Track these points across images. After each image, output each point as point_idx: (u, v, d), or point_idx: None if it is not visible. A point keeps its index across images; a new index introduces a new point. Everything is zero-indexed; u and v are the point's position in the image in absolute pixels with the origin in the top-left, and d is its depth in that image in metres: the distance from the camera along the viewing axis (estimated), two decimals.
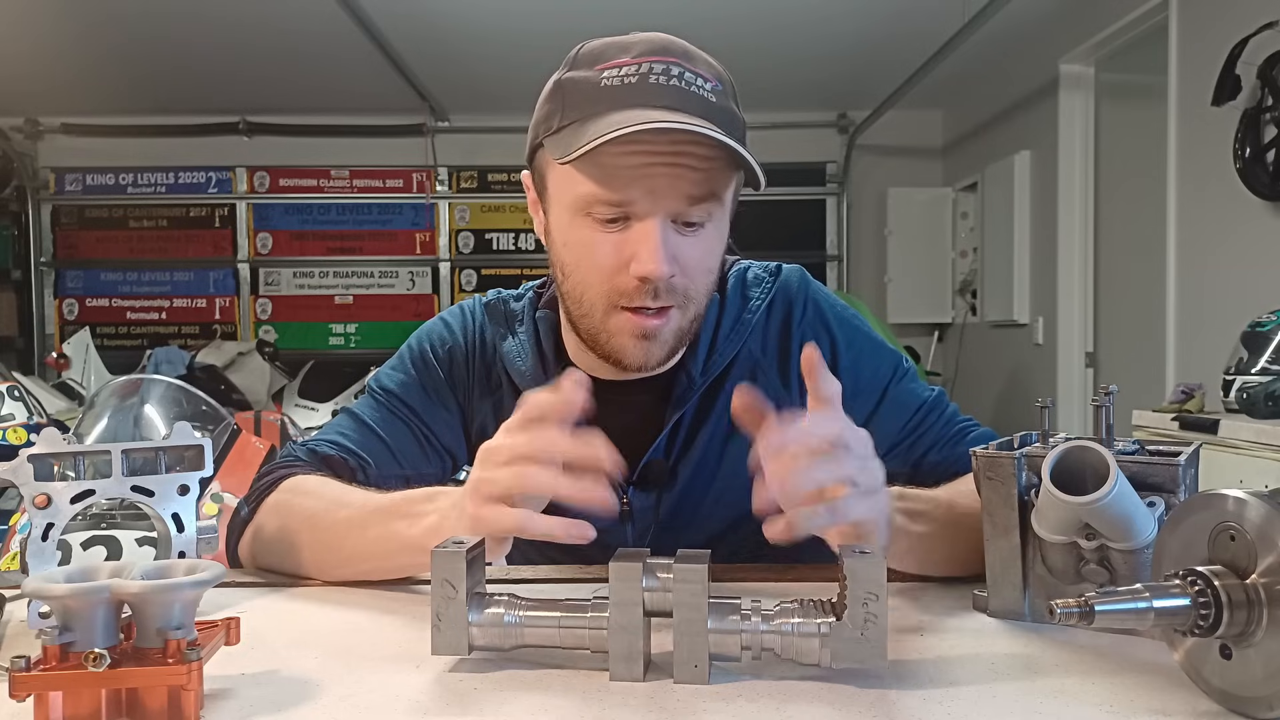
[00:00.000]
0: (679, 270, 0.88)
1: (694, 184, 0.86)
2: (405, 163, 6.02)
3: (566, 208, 0.90)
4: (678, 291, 0.90)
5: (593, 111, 0.85)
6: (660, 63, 0.87)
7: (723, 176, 0.88)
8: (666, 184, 0.85)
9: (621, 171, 0.85)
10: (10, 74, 5.07)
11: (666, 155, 0.84)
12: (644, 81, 0.85)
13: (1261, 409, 2.43)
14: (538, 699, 0.60)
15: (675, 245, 0.88)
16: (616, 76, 0.86)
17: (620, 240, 0.88)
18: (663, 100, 0.84)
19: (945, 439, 1.02)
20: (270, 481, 0.99)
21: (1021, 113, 4.88)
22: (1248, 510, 0.55)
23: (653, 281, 0.87)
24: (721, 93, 0.89)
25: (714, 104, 0.87)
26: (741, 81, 0.93)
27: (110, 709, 0.55)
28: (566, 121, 0.88)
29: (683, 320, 0.92)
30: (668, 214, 0.87)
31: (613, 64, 0.87)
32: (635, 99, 0.84)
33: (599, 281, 0.90)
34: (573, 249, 0.91)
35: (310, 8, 4.09)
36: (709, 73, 0.89)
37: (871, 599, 0.60)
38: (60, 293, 6.12)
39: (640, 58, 0.87)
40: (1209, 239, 3.35)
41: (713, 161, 0.86)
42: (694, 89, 0.86)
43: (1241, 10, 3.08)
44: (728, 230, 0.95)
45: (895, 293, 5.93)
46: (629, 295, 0.89)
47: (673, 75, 0.86)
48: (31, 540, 0.74)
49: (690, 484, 1.01)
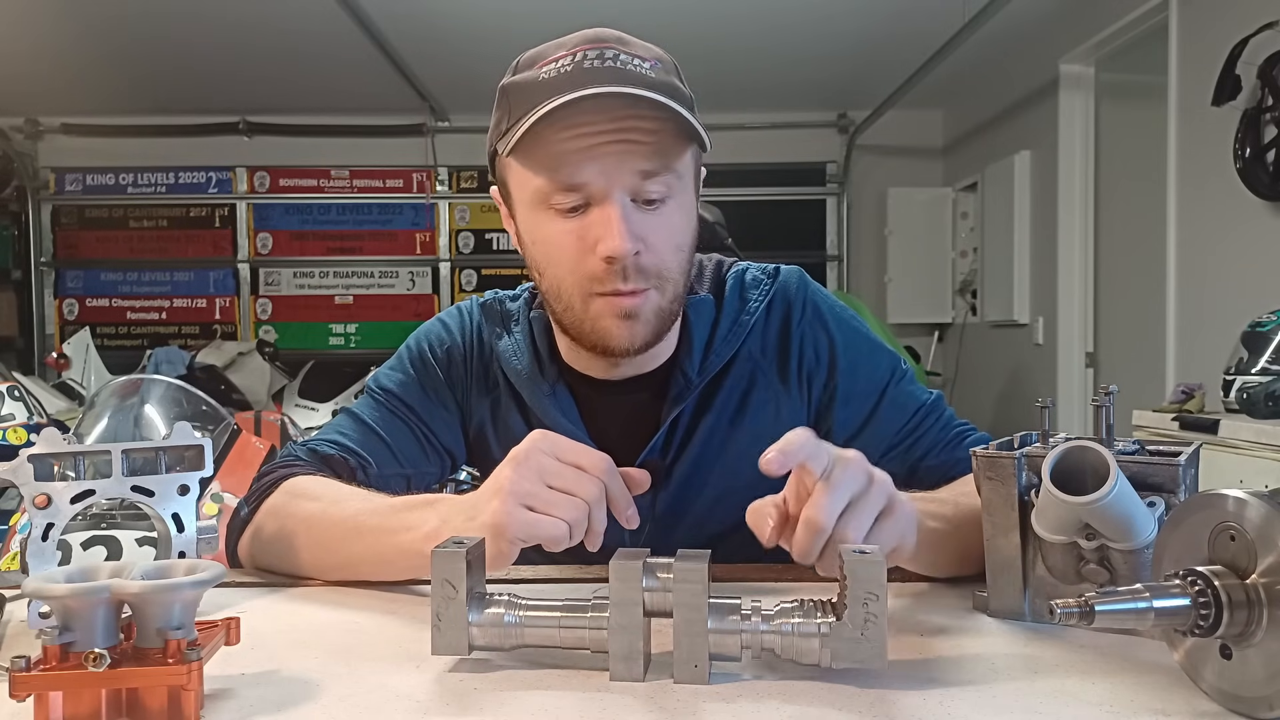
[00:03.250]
0: (644, 247, 0.89)
1: (644, 157, 0.87)
2: (405, 163, 6.02)
3: (528, 205, 0.92)
4: (649, 272, 0.90)
5: (532, 104, 0.86)
6: (594, 48, 0.88)
7: (673, 147, 0.89)
8: (615, 160, 0.86)
9: (569, 156, 0.86)
10: (10, 74, 5.07)
11: (610, 131, 0.85)
12: (579, 68, 0.87)
13: (1261, 409, 2.43)
14: (538, 699, 0.60)
15: (637, 223, 0.88)
16: (553, 69, 0.88)
17: (582, 226, 0.89)
18: (599, 80, 0.85)
19: (943, 442, 1.02)
20: (270, 482, 0.98)
21: (1021, 113, 4.88)
22: (1248, 510, 0.55)
23: (619, 260, 0.87)
24: (661, 69, 0.90)
25: (653, 79, 0.88)
26: (741, 81, 0.94)
27: (110, 709, 0.55)
28: (512, 121, 0.89)
29: (662, 300, 0.93)
30: (623, 190, 0.87)
31: (549, 60, 0.89)
32: (571, 85, 0.85)
33: (570, 271, 0.91)
34: (541, 245, 0.92)
35: (310, 8, 4.09)
36: (646, 54, 0.90)
37: (871, 599, 0.60)
38: (60, 293, 6.12)
39: (574, 49, 0.89)
40: (1209, 239, 3.35)
41: (659, 134, 0.87)
42: (630, 68, 0.87)
43: (1241, 10, 3.08)
44: (693, 207, 0.95)
45: (895, 293, 5.93)
46: (600, 280, 0.89)
47: (607, 58, 0.87)
48: (31, 540, 0.74)
49: (686, 484, 1.01)
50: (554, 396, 1.01)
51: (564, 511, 0.72)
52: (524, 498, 0.72)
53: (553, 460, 0.74)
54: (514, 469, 0.74)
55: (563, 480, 0.73)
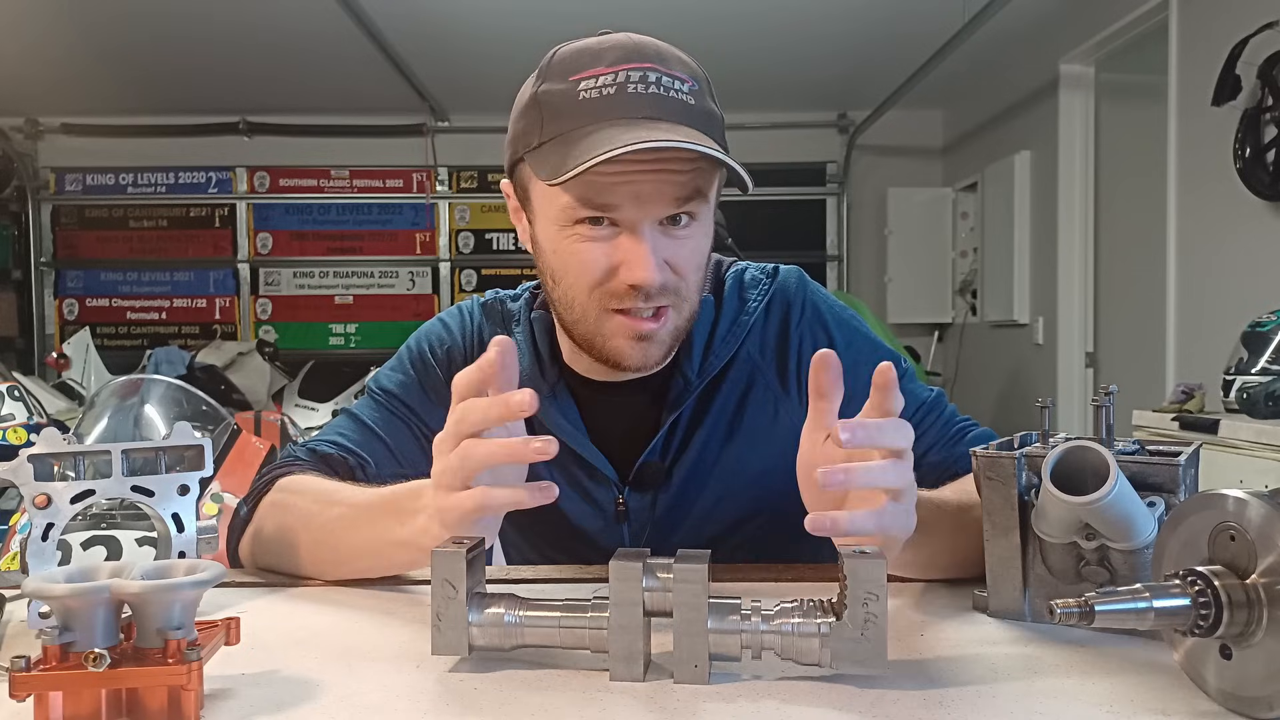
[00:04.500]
0: (669, 272, 0.89)
1: (679, 188, 0.86)
2: (405, 163, 6.02)
3: (552, 220, 0.90)
4: (669, 291, 0.90)
5: (573, 126, 0.85)
6: (636, 69, 0.86)
7: (707, 178, 0.88)
8: (652, 190, 0.85)
9: (605, 184, 0.85)
10: (10, 74, 5.07)
11: (650, 165, 0.84)
12: (622, 92, 0.85)
13: (1261, 409, 2.43)
14: (538, 699, 0.60)
15: (664, 249, 0.88)
16: (594, 88, 0.86)
17: (609, 248, 0.88)
18: (642, 110, 0.84)
19: (945, 439, 1.02)
20: (268, 480, 0.99)
21: (1021, 113, 4.88)
22: (1248, 510, 0.55)
23: (644, 288, 0.87)
24: (699, 92, 0.89)
25: (693, 107, 0.87)
26: (742, 81, 0.94)
27: (110, 709, 0.55)
28: (547, 137, 0.87)
29: (678, 319, 0.93)
30: (654, 220, 0.87)
31: (588, 74, 0.87)
32: (615, 111, 0.84)
33: (589, 288, 0.90)
34: (561, 257, 0.91)
35: (310, 8, 4.09)
36: (684, 73, 0.89)
37: (871, 599, 0.60)
38: (60, 293, 6.12)
39: (615, 66, 0.86)
40: (1209, 239, 3.35)
41: (696, 165, 0.86)
42: (672, 94, 0.86)
43: (1241, 10, 3.08)
44: (713, 224, 0.95)
45: (895, 293, 5.93)
46: (620, 298, 0.89)
47: (650, 82, 0.86)
48: (31, 540, 0.74)
49: (686, 485, 1.01)
50: (554, 398, 1.01)
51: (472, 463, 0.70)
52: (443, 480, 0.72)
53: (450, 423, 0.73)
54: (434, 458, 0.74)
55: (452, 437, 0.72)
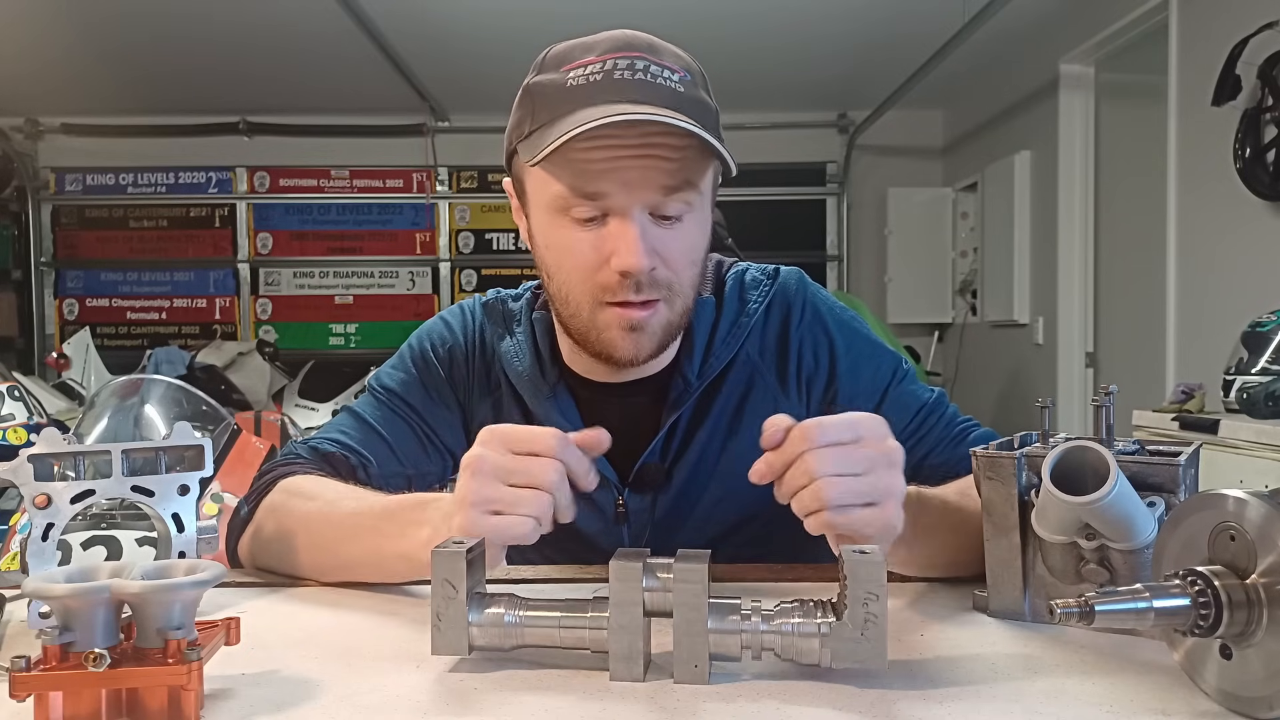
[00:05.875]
0: (660, 263, 0.89)
1: (667, 174, 0.86)
2: (405, 163, 6.02)
3: (544, 209, 0.91)
4: (661, 284, 0.90)
5: (560, 111, 0.86)
6: (625, 58, 0.87)
7: (697, 166, 0.88)
8: (639, 175, 0.85)
9: (592, 167, 0.85)
10: (10, 74, 5.07)
11: (636, 147, 0.84)
12: (609, 78, 0.86)
13: (1261, 409, 2.43)
14: (538, 699, 0.60)
15: (655, 238, 0.88)
16: (581, 75, 0.87)
17: (599, 237, 0.88)
18: (628, 95, 0.85)
19: (946, 440, 1.02)
20: (269, 480, 0.99)
21: (1021, 113, 4.88)
22: (1248, 510, 0.55)
23: (634, 275, 0.87)
24: (690, 83, 0.89)
25: (682, 94, 0.87)
26: (742, 81, 0.94)
27: (110, 709, 0.55)
28: (536, 125, 0.88)
29: (670, 314, 0.92)
30: (643, 206, 0.87)
31: (578, 64, 0.88)
32: (601, 95, 0.85)
33: (582, 279, 0.90)
34: (554, 250, 0.92)
35: (310, 8, 4.08)
36: (676, 64, 0.89)
37: (871, 599, 0.60)
38: (60, 293, 6.12)
39: (604, 55, 0.87)
40: (1209, 239, 3.35)
41: (684, 151, 0.86)
42: (660, 81, 0.87)
43: (1241, 10, 3.08)
44: (709, 221, 0.95)
45: (895, 293, 5.93)
46: (612, 290, 0.89)
47: (637, 69, 0.86)
48: (31, 540, 0.74)
49: (686, 487, 1.01)
50: (554, 398, 1.01)
51: (528, 508, 0.71)
52: (486, 505, 0.72)
53: (506, 456, 0.72)
54: (471, 477, 0.73)
55: (521, 475, 0.72)
